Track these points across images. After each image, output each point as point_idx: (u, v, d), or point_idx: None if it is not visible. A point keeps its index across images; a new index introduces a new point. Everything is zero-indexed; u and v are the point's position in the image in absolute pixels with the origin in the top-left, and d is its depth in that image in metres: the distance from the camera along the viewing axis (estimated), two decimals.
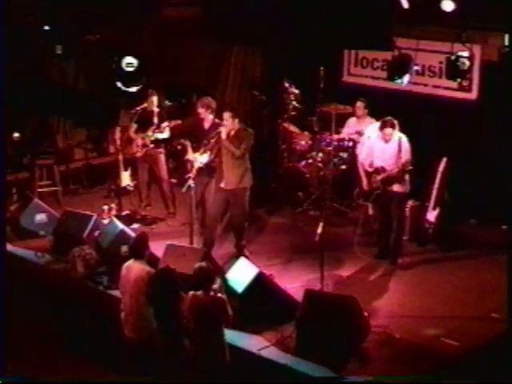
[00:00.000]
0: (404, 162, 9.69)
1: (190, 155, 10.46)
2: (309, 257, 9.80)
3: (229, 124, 9.83)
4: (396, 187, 9.86)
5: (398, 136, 9.81)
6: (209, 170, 10.34)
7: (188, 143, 10.72)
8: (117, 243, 9.62)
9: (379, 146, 9.94)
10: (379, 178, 9.88)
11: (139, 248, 7.81)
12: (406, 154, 9.74)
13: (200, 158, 10.17)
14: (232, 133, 9.88)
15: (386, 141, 9.85)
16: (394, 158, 9.80)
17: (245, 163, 9.98)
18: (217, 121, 10.38)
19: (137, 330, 7.67)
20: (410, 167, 9.70)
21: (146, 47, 13.11)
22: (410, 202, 10.53)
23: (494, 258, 9.70)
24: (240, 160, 9.92)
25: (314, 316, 8.08)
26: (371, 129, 11.08)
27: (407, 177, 9.85)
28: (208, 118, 10.47)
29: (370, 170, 9.99)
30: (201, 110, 10.48)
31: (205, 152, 10.11)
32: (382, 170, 9.87)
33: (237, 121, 9.89)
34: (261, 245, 10.68)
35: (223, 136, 9.87)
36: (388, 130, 9.79)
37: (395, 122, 9.80)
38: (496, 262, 9.46)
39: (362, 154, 10.27)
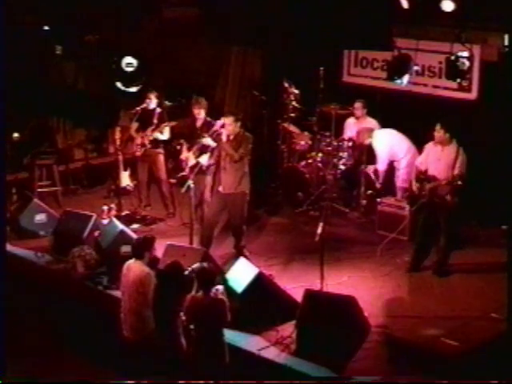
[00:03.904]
0: (455, 175, 9.22)
1: (184, 154, 10.62)
2: (309, 257, 9.80)
3: (231, 128, 9.85)
4: (444, 198, 9.42)
5: (456, 145, 9.43)
6: (206, 169, 10.42)
7: (184, 143, 10.84)
8: (117, 243, 9.63)
9: (434, 152, 9.55)
10: (428, 186, 9.44)
11: (139, 249, 7.84)
12: (461, 167, 9.30)
13: (192, 158, 10.40)
14: (231, 136, 9.90)
15: (441, 144, 9.44)
16: (447, 167, 9.33)
17: (243, 167, 9.97)
18: (208, 119, 10.61)
19: (135, 330, 7.68)
20: (460, 182, 9.22)
21: (146, 47, 13.11)
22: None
23: (493, 258, 9.69)
24: (238, 164, 9.91)
25: (313, 316, 8.09)
26: (381, 133, 11.11)
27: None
28: (200, 117, 10.68)
29: (423, 176, 9.52)
30: (195, 110, 10.70)
31: (199, 151, 10.30)
32: (433, 178, 9.41)
33: (238, 124, 9.91)
34: (261, 245, 10.68)
35: (223, 138, 9.89)
36: (438, 132, 9.40)
37: (447, 125, 9.42)
38: (496, 262, 9.45)
39: (419, 158, 9.82)
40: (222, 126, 9.91)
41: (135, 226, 11.11)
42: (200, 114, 10.69)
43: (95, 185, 12.96)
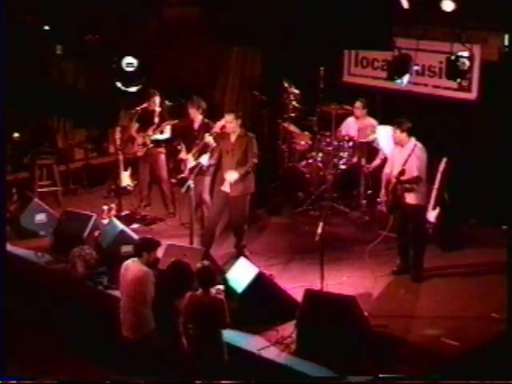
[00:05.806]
0: (399, 172, 9.22)
1: (183, 155, 10.63)
2: (309, 257, 9.80)
3: (232, 126, 9.85)
4: (408, 199, 9.38)
5: (413, 143, 9.39)
6: (206, 170, 10.43)
7: (182, 144, 10.86)
8: (117, 243, 9.64)
9: (394, 154, 9.59)
10: (390, 188, 9.46)
11: (139, 248, 7.86)
12: (416, 164, 9.26)
13: (192, 159, 10.42)
14: (233, 136, 9.89)
15: (400, 145, 9.43)
16: (403, 166, 9.32)
17: (246, 167, 9.97)
18: (206, 121, 10.64)
19: (134, 329, 7.68)
20: (403, 178, 9.16)
21: (146, 47, 13.11)
22: None
23: (493, 258, 9.69)
24: (241, 164, 9.89)
25: (314, 316, 8.09)
26: (384, 128, 11.09)
27: (422, 188, 9.42)
28: (198, 119, 10.68)
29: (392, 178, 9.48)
30: (191, 111, 10.71)
31: (198, 153, 10.31)
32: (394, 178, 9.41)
33: (239, 122, 9.91)
34: (261, 245, 10.68)
35: (232, 140, 9.88)
36: (394, 132, 9.45)
37: (405, 124, 9.40)
38: (496, 262, 9.45)
39: (388, 163, 9.77)
40: (222, 128, 9.91)
41: (135, 225, 11.11)
42: (197, 115, 10.69)
43: (95, 185, 12.95)
